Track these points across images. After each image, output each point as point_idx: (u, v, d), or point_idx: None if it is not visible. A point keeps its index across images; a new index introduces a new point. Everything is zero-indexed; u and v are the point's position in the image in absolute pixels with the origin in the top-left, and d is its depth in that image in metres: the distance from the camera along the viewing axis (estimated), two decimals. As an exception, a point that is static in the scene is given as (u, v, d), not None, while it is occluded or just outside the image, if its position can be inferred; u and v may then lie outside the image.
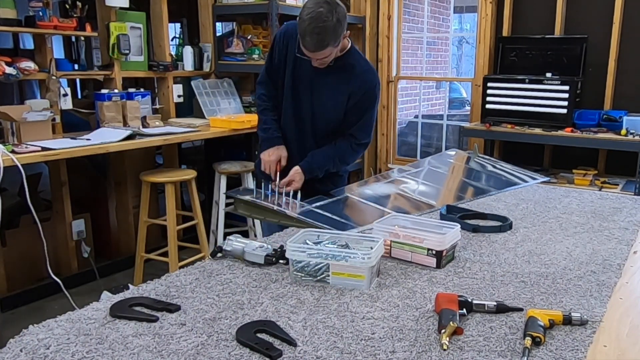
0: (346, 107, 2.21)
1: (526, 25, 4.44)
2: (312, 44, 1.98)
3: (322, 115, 2.24)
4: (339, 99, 2.19)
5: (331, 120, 2.25)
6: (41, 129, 3.14)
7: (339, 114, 2.22)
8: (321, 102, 2.21)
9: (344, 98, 2.19)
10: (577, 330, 1.18)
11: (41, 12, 3.16)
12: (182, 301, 1.31)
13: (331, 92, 2.19)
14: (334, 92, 2.19)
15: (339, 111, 2.22)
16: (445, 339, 1.10)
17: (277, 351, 1.07)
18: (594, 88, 4.20)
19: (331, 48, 2.02)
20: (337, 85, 2.18)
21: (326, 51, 2.02)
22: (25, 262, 3.37)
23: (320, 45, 1.98)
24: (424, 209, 2.10)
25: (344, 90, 2.18)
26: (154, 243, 3.81)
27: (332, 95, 2.19)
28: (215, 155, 4.23)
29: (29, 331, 1.16)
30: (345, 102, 2.20)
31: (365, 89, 2.20)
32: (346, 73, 2.17)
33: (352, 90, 2.18)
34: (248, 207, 2.11)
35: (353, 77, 2.18)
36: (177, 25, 5.17)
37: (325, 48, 2.00)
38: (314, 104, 2.22)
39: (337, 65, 2.15)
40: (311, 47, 1.99)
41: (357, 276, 1.39)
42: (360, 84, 2.18)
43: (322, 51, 2.01)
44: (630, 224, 1.95)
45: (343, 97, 2.19)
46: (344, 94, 2.18)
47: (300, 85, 2.22)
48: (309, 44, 1.99)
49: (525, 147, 4.36)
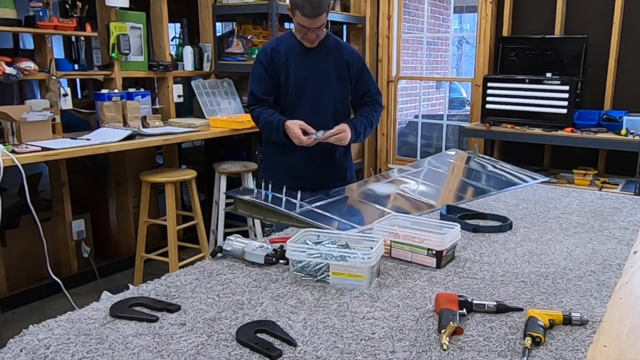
0: (350, 80, 2.42)
1: (526, 25, 4.44)
2: (311, 9, 2.15)
3: (337, 94, 2.42)
4: (342, 74, 2.41)
5: (345, 96, 2.45)
6: (41, 129, 3.14)
7: (348, 87, 2.44)
8: (330, 83, 2.39)
9: (345, 71, 2.41)
10: (577, 330, 1.18)
11: (41, 12, 3.16)
12: (182, 301, 1.31)
13: (334, 70, 2.39)
14: (337, 70, 2.39)
15: (346, 84, 2.43)
16: (445, 339, 1.11)
17: (277, 351, 1.07)
18: (594, 88, 4.20)
19: (325, 15, 2.22)
20: (336, 62, 2.39)
21: (322, 17, 2.21)
22: (25, 262, 3.37)
23: (318, 10, 2.16)
24: (424, 209, 2.10)
25: (342, 64, 2.40)
26: (154, 243, 3.81)
27: (336, 73, 2.39)
28: (215, 155, 4.23)
29: (29, 331, 1.16)
30: (347, 73, 2.41)
31: (355, 54, 2.47)
32: (334, 50, 2.40)
33: (348, 60, 2.40)
34: (248, 207, 2.11)
35: (341, 50, 2.41)
36: (177, 25, 5.17)
37: (322, 13, 2.19)
38: (324, 88, 2.38)
39: (325, 47, 2.37)
40: (310, 13, 2.16)
41: (357, 276, 1.39)
42: (350, 52, 2.44)
43: (320, 17, 2.19)
44: (630, 224, 1.95)
45: (344, 70, 2.40)
46: (343, 66, 2.40)
47: (303, 78, 2.36)
48: (309, 10, 2.16)
49: (525, 147, 4.36)
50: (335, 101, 2.42)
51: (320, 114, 2.38)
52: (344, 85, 2.43)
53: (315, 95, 2.38)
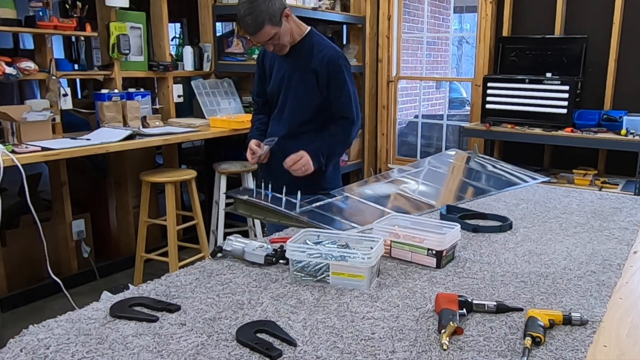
0: (320, 89, 2.26)
1: (526, 25, 4.44)
2: (250, 26, 2.06)
3: (298, 101, 2.30)
4: (308, 81, 2.25)
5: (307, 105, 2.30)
6: (41, 129, 3.14)
7: (314, 97, 2.27)
8: (294, 90, 2.30)
9: (312, 78, 2.24)
10: (577, 330, 1.18)
11: (41, 12, 3.16)
12: (182, 301, 1.31)
13: (300, 76, 2.27)
14: (302, 75, 2.26)
15: (311, 93, 2.27)
16: (445, 339, 1.10)
17: (277, 351, 1.07)
18: (594, 88, 4.20)
19: (271, 27, 2.08)
20: (302, 69, 2.25)
21: (266, 31, 2.08)
22: (25, 262, 3.37)
23: (257, 26, 2.06)
24: (424, 209, 2.10)
25: (309, 70, 2.24)
26: (154, 243, 3.81)
27: (301, 79, 2.27)
28: (215, 155, 4.23)
29: (29, 331, 1.16)
30: (315, 83, 2.25)
31: (328, 63, 2.22)
32: (307, 54, 2.25)
33: (314, 67, 2.23)
34: (248, 207, 2.11)
35: (314, 56, 2.24)
36: (177, 25, 5.17)
37: (262, 27, 2.07)
38: (289, 93, 2.32)
39: (298, 50, 2.25)
40: (250, 30, 2.07)
41: (357, 276, 1.39)
42: (320, 59, 2.23)
43: (261, 31, 2.07)
44: (630, 224, 1.95)
45: (311, 77, 2.24)
46: (310, 73, 2.24)
47: (277, 82, 2.34)
48: (248, 27, 2.07)
49: (525, 147, 4.36)
50: (297, 110, 2.31)
51: (282, 121, 2.36)
52: (313, 94, 2.27)
53: (282, 101, 2.35)
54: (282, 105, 2.36)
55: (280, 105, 2.36)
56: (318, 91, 2.27)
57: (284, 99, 2.34)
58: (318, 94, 2.28)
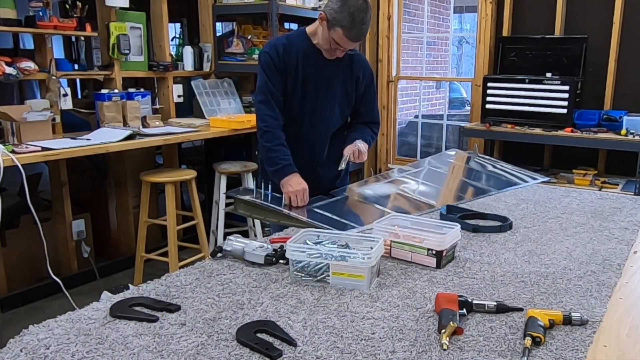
0: (356, 94, 2.30)
1: (526, 25, 4.44)
2: (358, 34, 2.07)
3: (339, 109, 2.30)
4: (349, 88, 2.28)
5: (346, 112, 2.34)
6: (41, 129, 3.14)
7: (352, 102, 2.32)
8: (336, 97, 2.26)
9: (352, 85, 2.28)
10: (577, 330, 1.18)
11: (41, 12, 3.16)
12: (182, 301, 1.31)
13: (342, 85, 2.27)
14: (344, 84, 2.27)
15: (350, 99, 2.31)
16: (445, 339, 1.11)
17: (277, 351, 1.07)
18: (594, 88, 4.20)
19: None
20: (345, 77, 2.26)
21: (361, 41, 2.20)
22: (25, 262, 3.37)
23: (363, 34, 2.10)
24: (424, 209, 2.10)
25: (351, 77, 2.27)
26: (154, 243, 3.81)
27: (344, 88, 2.27)
28: (215, 155, 4.23)
29: (29, 331, 1.16)
30: (354, 89, 2.29)
31: (367, 69, 2.33)
32: (346, 60, 2.25)
33: (358, 74, 2.28)
34: (248, 207, 2.11)
35: (353, 62, 2.27)
36: (177, 25, 5.17)
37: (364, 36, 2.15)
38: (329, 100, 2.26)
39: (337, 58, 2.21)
40: (355, 38, 2.07)
41: (357, 276, 1.39)
42: (362, 65, 2.30)
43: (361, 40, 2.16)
44: (630, 224, 1.95)
45: (351, 84, 2.28)
46: (352, 80, 2.27)
47: (312, 87, 2.20)
48: (354, 35, 2.05)
49: (525, 147, 4.36)
50: (336, 116, 2.29)
51: (318, 126, 2.26)
52: (348, 101, 2.29)
53: (318, 105, 2.23)
54: (316, 111, 2.23)
55: (314, 111, 2.23)
56: (354, 97, 2.30)
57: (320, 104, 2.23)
58: (352, 100, 2.31)
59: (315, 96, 2.22)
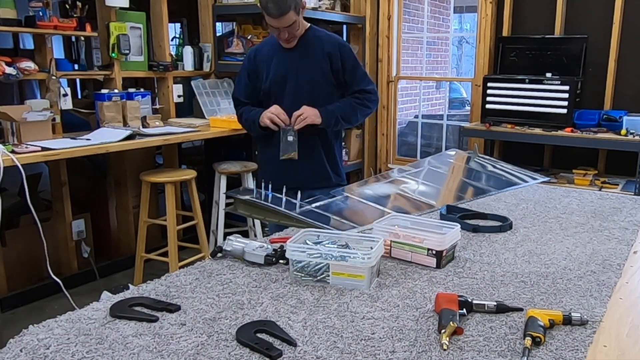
0: (333, 73, 2.36)
1: (526, 25, 4.44)
2: (275, 9, 2.12)
3: (312, 85, 2.37)
4: (323, 67, 2.36)
5: (331, 90, 2.39)
6: (41, 129, 3.14)
7: (328, 81, 2.37)
8: (309, 76, 2.36)
9: (326, 62, 2.35)
10: (577, 330, 1.18)
11: (41, 12, 3.16)
12: (182, 301, 1.31)
13: (312, 62, 2.35)
14: (315, 62, 2.35)
15: (328, 78, 2.37)
16: (445, 339, 1.10)
17: (277, 351, 1.07)
18: (594, 88, 4.20)
19: (294, 13, 2.17)
20: (314, 55, 2.35)
21: (290, 16, 2.16)
22: (25, 262, 3.37)
23: (283, 9, 2.12)
24: (424, 209, 2.10)
25: (322, 55, 2.35)
26: (154, 243, 3.81)
27: (315, 65, 2.35)
28: (215, 155, 4.23)
29: (29, 331, 1.16)
30: (329, 67, 2.35)
31: (339, 46, 2.38)
32: (315, 43, 2.36)
33: (329, 51, 2.34)
34: (248, 207, 2.11)
35: (323, 43, 2.36)
36: (177, 25, 5.17)
37: (288, 12, 2.14)
38: (300, 80, 2.36)
39: (305, 41, 2.34)
40: (275, 12, 2.12)
41: (357, 276, 1.39)
42: (332, 43, 2.37)
43: (286, 16, 2.15)
44: (630, 224, 1.95)
45: (324, 62, 2.35)
46: (323, 58, 2.35)
47: (281, 75, 2.36)
48: (273, 10, 2.12)
49: (525, 147, 4.36)
50: (318, 97, 2.37)
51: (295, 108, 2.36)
52: (327, 79, 2.38)
53: (295, 92, 2.36)
54: (294, 97, 2.36)
55: (293, 97, 2.36)
56: (331, 75, 2.36)
57: (292, 89, 2.36)
58: (332, 78, 2.37)
59: (289, 84, 2.36)
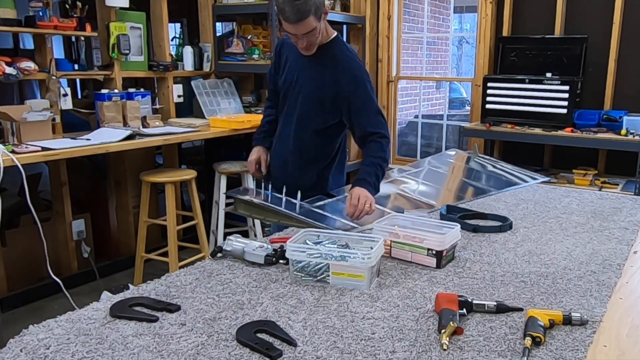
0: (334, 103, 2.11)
1: (526, 25, 4.44)
2: (292, 13, 1.87)
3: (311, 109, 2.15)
4: (325, 96, 2.11)
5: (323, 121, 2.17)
6: (41, 129, 3.14)
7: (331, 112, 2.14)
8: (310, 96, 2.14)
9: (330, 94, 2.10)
10: (577, 330, 1.18)
11: (41, 12, 3.16)
12: (182, 301, 1.31)
13: (319, 84, 2.11)
14: (321, 88, 2.11)
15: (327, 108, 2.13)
16: (445, 339, 1.11)
17: (277, 351, 1.07)
18: (594, 88, 4.20)
19: (314, 19, 1.91)
20: (321, 77, 2.10)
21: (309, 22, 1.90)
22: (25, 262, 3.37)
23: (302, 14, 1.87)
24: (424, 209, 2.10)
25: (329, 85, 2.09)
26: (154, 243, 3.81)
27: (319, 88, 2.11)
28: (215, 155, 4.23)
29: (29, 331, 1.16)
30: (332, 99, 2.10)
31: (353, 79, 2.08)
32: (330, 62, 2.09)
33: (338, 79, 2.07)
34: (248, 207, 2.11)
35: (337, 68, 2.09)
36: (177, 25, 5.17)
37: (307, 17, 1.88)
38: (303, 98, 2.15)
39: (324, 55, 2.09)
40: (293, 17, 1.88)
41: (357, 276, 1.39)
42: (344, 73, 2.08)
43: (304, 21, 1.89)
44: (630, 224, 1.95)
45: (329, 92, 2.10)
46: (329, 85, 2.09)
47: (289, 81, 2.19)
48: (290, 14, 1.87)
49: (525, 147, 4.36)
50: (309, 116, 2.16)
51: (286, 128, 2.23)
52: (323, 109, 2.13)
53: (293, 103, 2.19)
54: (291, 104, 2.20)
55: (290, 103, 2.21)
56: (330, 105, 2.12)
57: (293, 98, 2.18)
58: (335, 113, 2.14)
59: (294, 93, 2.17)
